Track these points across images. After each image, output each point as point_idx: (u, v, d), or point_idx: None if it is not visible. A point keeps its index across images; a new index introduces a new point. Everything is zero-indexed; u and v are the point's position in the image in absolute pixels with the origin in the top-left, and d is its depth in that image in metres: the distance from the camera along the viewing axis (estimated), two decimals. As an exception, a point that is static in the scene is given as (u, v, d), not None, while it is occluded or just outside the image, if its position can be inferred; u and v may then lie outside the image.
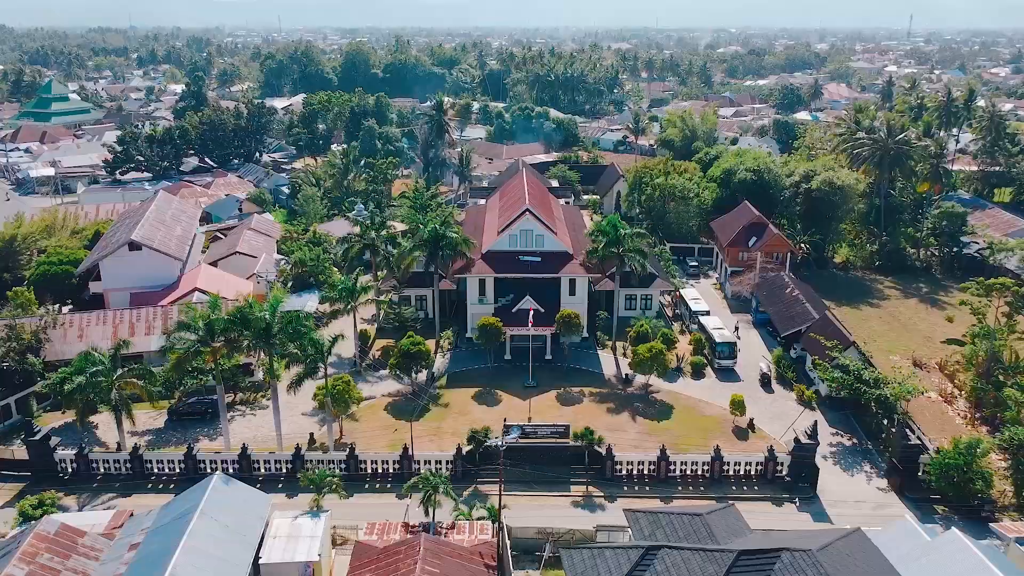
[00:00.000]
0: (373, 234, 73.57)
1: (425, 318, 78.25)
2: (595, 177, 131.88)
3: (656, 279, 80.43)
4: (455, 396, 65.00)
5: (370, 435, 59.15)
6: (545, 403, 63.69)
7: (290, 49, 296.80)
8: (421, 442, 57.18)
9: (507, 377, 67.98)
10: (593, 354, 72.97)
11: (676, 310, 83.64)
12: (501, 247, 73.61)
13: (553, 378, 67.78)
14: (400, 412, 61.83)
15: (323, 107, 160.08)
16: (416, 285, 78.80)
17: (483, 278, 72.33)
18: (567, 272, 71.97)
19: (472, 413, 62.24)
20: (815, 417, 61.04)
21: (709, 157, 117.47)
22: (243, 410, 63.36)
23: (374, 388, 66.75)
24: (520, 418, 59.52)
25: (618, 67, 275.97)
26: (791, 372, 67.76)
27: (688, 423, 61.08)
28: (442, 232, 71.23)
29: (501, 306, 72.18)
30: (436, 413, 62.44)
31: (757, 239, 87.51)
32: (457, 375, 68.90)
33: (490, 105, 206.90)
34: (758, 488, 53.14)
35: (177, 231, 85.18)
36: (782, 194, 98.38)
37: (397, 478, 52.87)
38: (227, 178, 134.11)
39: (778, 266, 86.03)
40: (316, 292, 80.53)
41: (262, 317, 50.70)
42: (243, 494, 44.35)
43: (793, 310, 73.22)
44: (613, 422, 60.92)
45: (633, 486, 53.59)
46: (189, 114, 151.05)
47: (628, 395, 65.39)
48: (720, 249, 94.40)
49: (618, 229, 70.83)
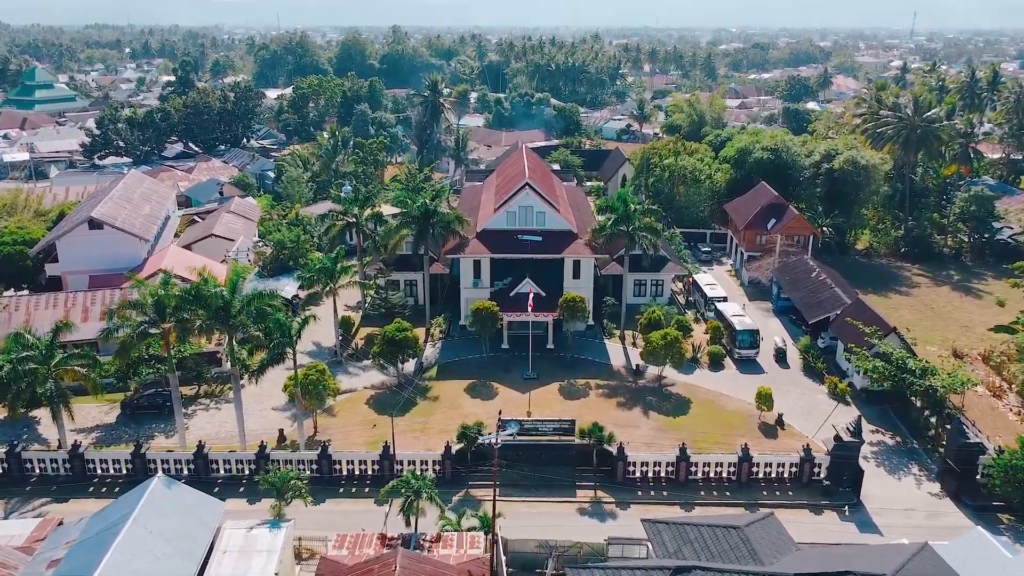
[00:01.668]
0: (357, 211, 66.53)
1: (415, 304, 71.37)
2: (598, 162, 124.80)
3: (668, 263, 73.47)
4: (446, 388, 58.06)
5: (348, 432, 52.19)
6: (547, 396, 56.76)
7: (284, 40, 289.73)
8: (406, 439, 50.25)
9: (504, 368, 61.06)
10: (599, 344, 66.02)
11: (690, 297, 76.63)
12: (498, 225, 66.64)
13: (555, 369, 60.86)
14: (383, 406, 54.88)
15: (314, 91, 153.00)
16: (405, 268, 71.87)
17: (478, 259, 65.33)
18: (571, 253, 64.98)
19: (464, 407, 55.32)
20: (853, 412, 54.20)
21: (720, 139, 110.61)
22: (207, 404, 56.38)
23: (356, 380, 59.81)
24: (518, 413, 52.57)
25: (620, 58, 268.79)
26: (820, 363, 60.81)
27: (708, 419, 54.13)
28: (433, 208, 64.29)
29: (498, 290, 65.27)
30: (424, 407, 55.48)
31: (776, 221, 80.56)
32: (449, 366, 61.94)
33: (488, 95, 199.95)
34: (792, 493, 46.16)
35: (145, 210, 78.24)
36: (801, 175, 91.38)
37: (377, 481, 45.89)
38: (210, 163, 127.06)
39: (799, 250, 79.10)
40: (295, 276, 73.48)
41: (218, 294, 43.67)
42: (188, 499, 37.42)
43: (821, 295, 66.23)
44: (623, 417, 53.97)
45: (648, 491, 46.61)
46: (172, 97, 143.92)
47: (639, 388, 58.45)
48: (735, 233, 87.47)
49: (628, 204, 63.92)
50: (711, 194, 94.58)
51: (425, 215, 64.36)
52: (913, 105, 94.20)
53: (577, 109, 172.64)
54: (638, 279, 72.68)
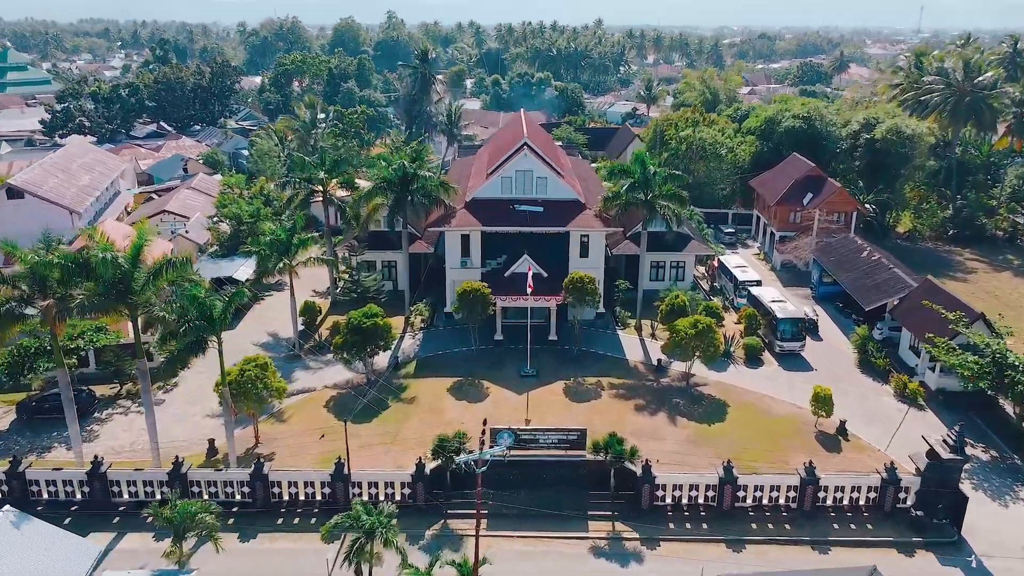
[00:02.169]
0: (323, 175, 55.65)
1: (394, 289, 60.63)
2: (604, 141, 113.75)
3: (691, 241, 62.58)
4: (425, 388, 47.25)
5: (300, 442, 41.35)
6: (549, 399, 45.97)
7: (275, 26, 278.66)
8: (372, 454, 39.51)
9: (497, 363, 50.28)
10: (611, 335, 55.23)
11: (715, 282, 65.80)
12: (491, 193, 55.80)
13: (559, 365, 50.09)
14: (347, 410, 44.14)
15: (298, 69, 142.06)
16: (383, 247, 61.08)
17: (466, 232, 54.45)
18: (578, 225, 54.11)
19: (447, 412, 44.51)
20: (930, 418, 43.42)
21: (740, 113, 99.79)
22: (127, 406, 45.51)
23: (317, 377, 49.06)
24: (514, 420, 41.83)
25: (624, 44, 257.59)
26: (882, 358, 50.00)
27: (750, 427, 43.28)
28: (412, 171, 53.48)
29: (490, 270, 54.51)
30: (397, 412, 44.67)
31: (814, 195, 69.74)
32: (430, 361, 51.13)
33: (486, 79, 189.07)
34: (872, 527, 35.28)
35: (83, 181, 67.49)
36: (838, 146, 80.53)
37: (328, 509, 35.10)
38: (180, 141, 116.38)
39: (842, 228, 68.29)
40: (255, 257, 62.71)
41: (111, 262, 32.75)
42: (44, 541, 26.60)
43: (877, 277, 55.38)
44: (645, 425, 43.15)
45: (682, 523, 35.71)
46: (143, 72, 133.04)
47: (662, 388, 47.63)
48: (763, 211, 76.65)
49: (647, 167, 53.09)
50: (733, 170, 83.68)
51: (403, 180, 53.58)
52: (963, 69, 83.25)
53: (580, 90, 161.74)
54: (655, 260, 61.82)
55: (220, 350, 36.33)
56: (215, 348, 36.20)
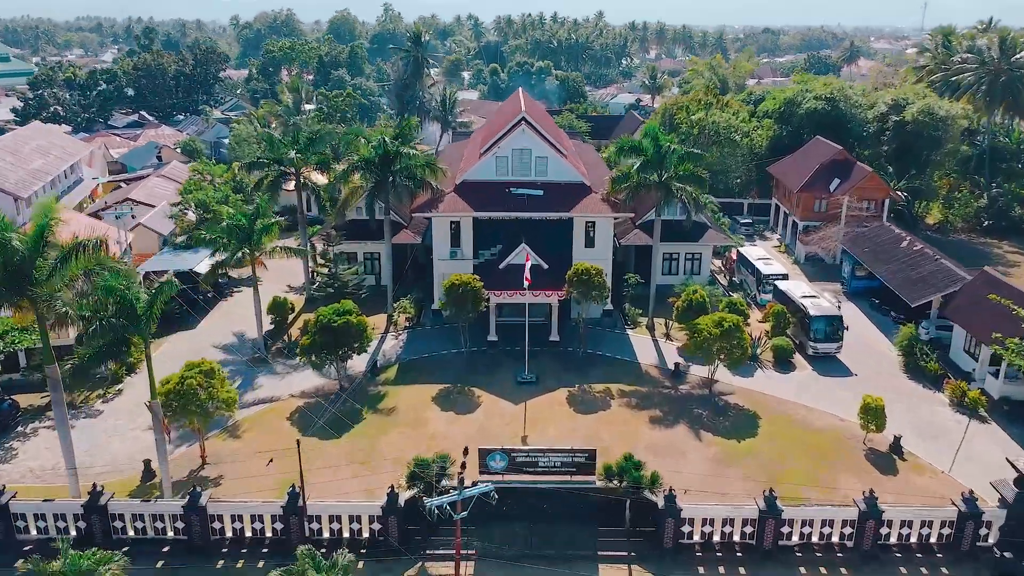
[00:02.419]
0: (294, 154, 49.19)
1: (377, 284, 54.27)
2: (608, 129, 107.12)
3: (707, 231, 56.15)
4: (407, 397, 40.80)
5: (256, 463, 34.87)
6: (550, 409, 39.53)
7: (269, 19, 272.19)
8: (340, 478, 33.05)
9: (490, 368, 43.85)
10: (621, 335, 48.80)
11: (733, 277, 59.41)
12: (484, 175, 49.33)
13: (561, 370, 43.65)
14: (313, 422, 37.77)
15: (286, 55, 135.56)
16: (364, 237, 54.73)
17: (456, 219, 47.98)
18: (583, 210, 47.64)
19: (431, 425, 38.07)
20: (995, 432, 37.01)
21: (754, 97, 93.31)
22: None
23: (284, 384, 42.60)
24: (509, 434, 35.54)
25: (627, 35, 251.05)
26: (932, 361, 43.54)
27: (787, 443, 36.81)
28: (395, 149, 47.04)
29: (484, 262, 48.11)
30: (373, 425, 38.24)
31: (841, 181, 63.28)
32: (414, 364, 44.68)
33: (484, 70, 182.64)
34: (948, 572, 28.78)
35: (35, 165, 61.09)
36: (864, 130, 74.03)
37: (280, 549, 28.68)
38: (160, 130, 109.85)
39: (873, 216, 61.86)
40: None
41: (3, 245, 26.26)
42: None
43: (922, 270, 48.90)
44: (662, 441, 36.71)
45: (714, 564, 29.22)
46: (122, 59, 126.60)
47: (681, 396, 41.17)
48: (783, 200, 70.20)
49: (660, 144, 46.63)
50: (750, 156, 77.21)
51: (384, 159, 47.14)
52: (999, 47, 76.71)
53: (582, 78, 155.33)
54: (667, 252, 55.39)
55: (148, 354, 29.88)
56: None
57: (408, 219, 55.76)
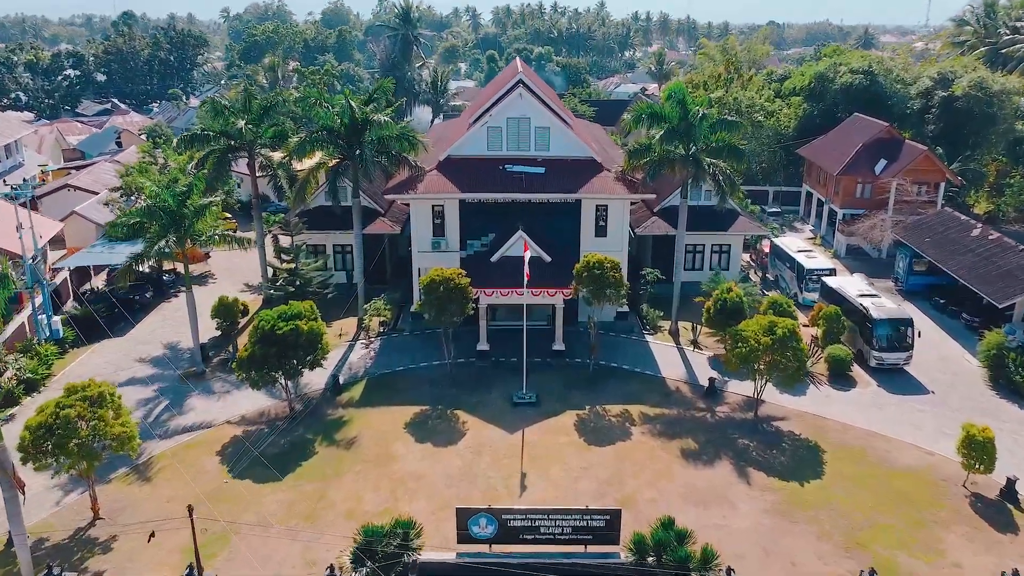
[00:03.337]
0: (244, 125, 40.59)
1: (348, 282, 45.85)
2: (614, 114, 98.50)
3: (738, 218, 47.58)
4: (374, 423, 32.29)
5: (166, 517, 26.33)
6: (555, 440, 31.00)
7: (260, 10, 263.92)
8: (272, 540, 24.58)
9: (480, 385, 35.36)
10: (639, 342, 40.31)
11: (766, 273, 50.96)
12: (473, 150, 40.77)
13: (567, 387, 35.15)
14: (252, 458, 29.32)
15: (269, 39, 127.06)
16: (332, 226, 46.27)
17: (439, 201, 39.44)
18: (594, 191, 39.10)
19: (401, 461, 29.54)
20: None
21: (776, 77, 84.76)
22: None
23: (221, 406, 34.09)
24: (501, 476, 27.14)
25: (630, 26, 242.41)
26: None
27: (865, 486, 28.23)
28: (364, 116, 38.52)
29: (473, 254, 39.63)
30: (326, 462, 29.72)
31: (889, 162, 54.79)
32: (386, 381, 36.16)
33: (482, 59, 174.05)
34: None
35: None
36: (907, 107, 65.42)
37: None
38: (129, 117, 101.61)
39: (926, 202, 53.37)
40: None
41: None
42: None
43: (1005, 263, 40.32)
44: (702, 484, 28.17)
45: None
46: (92, 41, 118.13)
47: (720, 422, 32.65)
48: (817, 186, 61.64)
49: (687, 108, 38.07)
50: (776, 137, 68.68)
51: (352, 128, 38.65)
52: (1056, 13, 68.23)
53: (584, 66, 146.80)
54: (690, 243, 46.72)
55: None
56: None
57: (387, 205, 47.37)
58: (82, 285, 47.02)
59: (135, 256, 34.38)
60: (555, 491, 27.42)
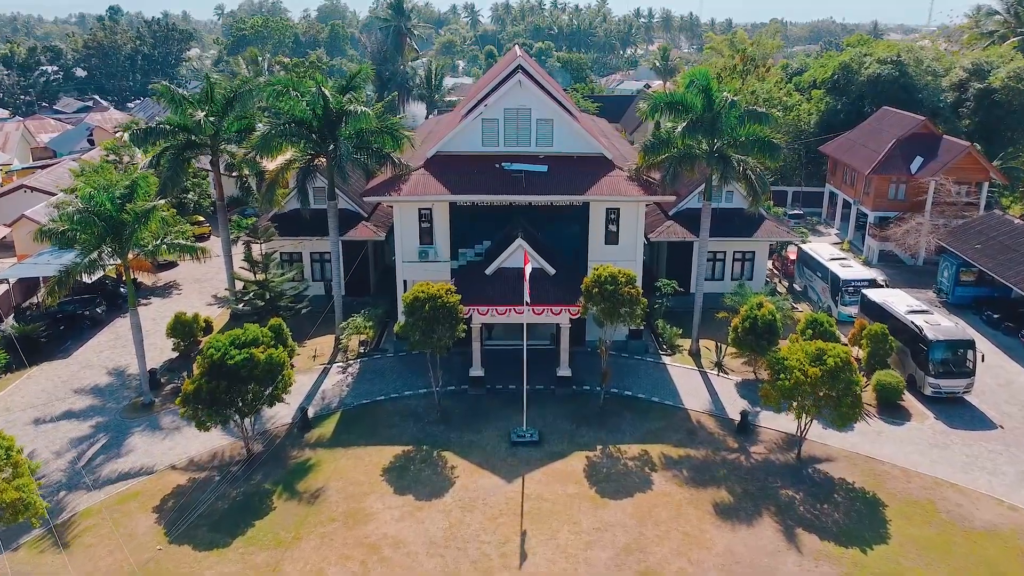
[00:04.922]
0: (203, 116, 35.45)
1: (327, 296, 40.71)
2: (619, 110, 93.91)
3: (764, 222, 42.44)
4: (346, 469, 27.16)
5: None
6: (561, 489, 25.87)
7: (254, 8, 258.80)
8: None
9: (472, 418, 30.25)
10: (655, 365, 35.20)
11: (794, 282, 45.93)
12: (465, 145, 35.62)
13: (575, 422, 30.03)
14: (190, 511, 24.21)
15: (257, 33, 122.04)
16: (308, 232, 41.16)
17: (426, 204, 34.32)
18: (604, 193, 33.96)
19: (375, 521, 24.40)
20: None
21: (791, 71, 79.73)
22: None
23: (168, 445, 28.96)
24: (495, 541, 22.02)
25: (631, 23, 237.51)
26: (1114, 408, 29.92)
27: (938, 551, 23.14)
28: (338, 105, 33.43)
29: (466, 265, 34.54)
30: (286, 521, 24.58)
31: (925, 160, 49.71)
32: (363, 413, 31.03)
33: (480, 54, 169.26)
34: None
35: None
36: (940, 101, 60.36)
37: None
38: (107, 113, 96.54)
39: (968, 204, 48.31)
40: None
41: None
42: None
43: (1075, 274, 35.27)
44: (741, 550, 23.04)
45: None
46: (70, 35, 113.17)
47: (756, 465, 27.51)
48: (843, 186, 56.49)
49: (712, 97, 32.95)
50: (795, 134, 63.64)
51: (326, 120, 33.56)
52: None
53: (586, 61, 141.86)
54: (710, 251, 41.53)
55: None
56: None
57: (371, 208, 42.33)
58: (28, 299, 41.93)
59: (65, 269, 29.21)
60: (563, 561, 22.35)
